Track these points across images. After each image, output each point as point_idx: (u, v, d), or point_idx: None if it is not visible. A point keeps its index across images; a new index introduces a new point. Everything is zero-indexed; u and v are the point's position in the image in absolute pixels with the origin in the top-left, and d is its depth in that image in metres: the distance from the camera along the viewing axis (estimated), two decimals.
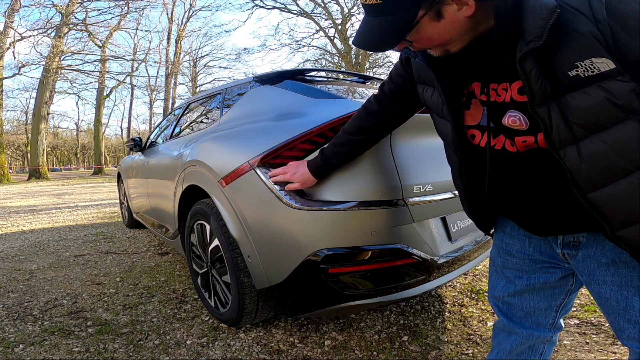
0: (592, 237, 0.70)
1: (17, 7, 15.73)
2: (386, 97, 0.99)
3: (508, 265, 0.86)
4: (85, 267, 2.63)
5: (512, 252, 0.84)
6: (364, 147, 1.13)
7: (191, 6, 25.85)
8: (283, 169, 1.22)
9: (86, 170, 41.79)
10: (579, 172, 0.60)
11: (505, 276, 0.87)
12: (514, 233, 0.84)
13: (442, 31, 0.64)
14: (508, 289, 0.87)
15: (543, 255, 0.80)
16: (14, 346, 1.52)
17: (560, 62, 0.56)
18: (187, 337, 1.61)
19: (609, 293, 0.70)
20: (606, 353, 1.44)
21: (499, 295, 0.89)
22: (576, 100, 0.56)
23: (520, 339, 0.88)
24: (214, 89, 2.41)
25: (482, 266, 2.48)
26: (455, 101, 0.74)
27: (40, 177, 16.67)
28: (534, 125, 0.63)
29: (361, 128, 1.06)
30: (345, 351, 1.48)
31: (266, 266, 1.37)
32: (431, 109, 0.84)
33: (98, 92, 22.24)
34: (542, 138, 0.63)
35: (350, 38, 20.50)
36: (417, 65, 0.83)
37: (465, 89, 0.73)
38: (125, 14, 20.57)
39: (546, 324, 0.87)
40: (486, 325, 1.69)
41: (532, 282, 0.83)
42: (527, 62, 0.58)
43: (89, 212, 5.51)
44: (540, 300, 0.84)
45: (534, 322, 0.87)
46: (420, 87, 0.86)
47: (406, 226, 1.25)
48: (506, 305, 0.89)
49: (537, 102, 0.59)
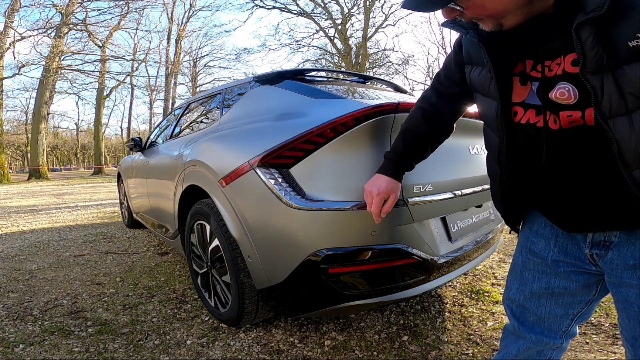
0: (624, 237, 0.67)
1: (17, 7, 15.74)
2: (441, 85, 0.95)
3: (528, 266, 0.83)
4: (85, 267, 2.63)
5: (536, 252, 0.82)
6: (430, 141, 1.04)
7: (191, 6, 25.87)
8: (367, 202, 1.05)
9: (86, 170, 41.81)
10: (629, 146, 0.57)
11: (523, 277, 0.84)
12: (540, 231, 0.81)
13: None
14: (524, 292, 0.84)
15: (568, 256, 0.76)
16: (14, 346, 1.52)
17: (621, 33, 0.55)
18: (187, 337, 1.61)
19: (634, 297, 0.67)
20: (606, 353, 1.44)
21: (514, 298, 0.87)
22: (633, 71, 0.55)
23: (528, 343, 0.86)
24: (214, 89, 2.41)
25: (482, 266, 2.49)
26: (504, 78, 0.72)
27: (40, 177, 16.68)
28: (583, 98, 0.61)
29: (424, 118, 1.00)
30: (345, 351, 1.48)
31: (266, 266, 1.37)
32: (476, 88, 0.82)
33: (98, 92, 22.26)
34: (589, 113, 0.61)
35: (351, 38, 20.55)
36: (467, 43, 0.81)
37: (516, 66, 0.72)
38: (125, 14, 20.60)
39: (558, 330, 0.84)
40: (486, 325, 1.69)
41: (552, 285, 0.79)
42: (583, 30, 0.57)
43: (89, 212, 5.51)
44: (557, 307, 0.81)
45: (546, 327, 0.84)
46: (468, 69, 0.83)
47: (406, 226, 1.25)
48: (520, 309, 0.86)
49: (590, 70, 0.58)
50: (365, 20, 19.84)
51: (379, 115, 1.23)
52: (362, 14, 20.06)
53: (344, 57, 19.94)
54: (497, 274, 2.35)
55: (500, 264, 2.55)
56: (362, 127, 1.22)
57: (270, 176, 1.30)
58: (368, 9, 19.70)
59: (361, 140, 1.24)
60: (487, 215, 1.75)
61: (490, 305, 1.89)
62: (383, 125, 1.24)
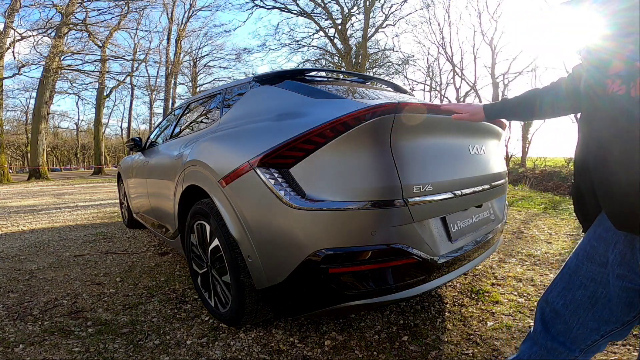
0: None
1: (17, 7, 15.72)
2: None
3: (580, 272, 0.81)
4: (85, 267, 2.63)
5: (594, 257, 0.79)
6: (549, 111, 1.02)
7: (191, 6, 25.85)
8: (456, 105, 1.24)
9: (86, 170, 41.79)
10: None
11: (571, 282, 0.82)
12: (603, 235, 0.78)
13: None
14: (566, 297, 0.82)
15: (623, 266, 0.73)
16: (14, 346, 1.52)
17: None
18: (187, 337, 1.61)
19: None
20: (606, 353, 1.44)
21: (552, 301, 0.85)
22: None
23: (542, 351, 0.85)
24: (214, 89, 2.41)
25: (482, 266, 2.49)
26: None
27: (40, 177, 16.67)
28: None
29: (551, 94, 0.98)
30: (345, 351, 1.48)
31: (266, 266, 1.37)
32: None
33: (98, 92, 22.23)
34: None
35: (351, 38, 20.53)
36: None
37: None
38: (125, 14, 20.56)
39: (582, 343, 0.81)
40: (486, 325, 1.69)
41: (597, 295, 0.77)
42: None
43: (89, 212, 5.51)
44: (593, 320, 0.79)
45: (570, 337, 0.82)
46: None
47: (406, 226, 1.25)
48: (552, 314, 0.84)
49: None
50: (365, 20, 19.83)
51: (379, 115, 1.23)
52: (362, 14, 20.06)
53: (344, 57, 19.93)
54: (497, 274, 2.35)
55: (500, 264, 2.55)
56: (362, 127, 1.22)
57: (270, 176, 1.30)
58: (368, 9, 19.69)
59: (361, 140, 1.24)
60: (487, 215, 1.75)
61: (490, 305, 1.89)
62: (383, 125, 1.24)
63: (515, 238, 3.30)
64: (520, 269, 2.45)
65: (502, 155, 2.07)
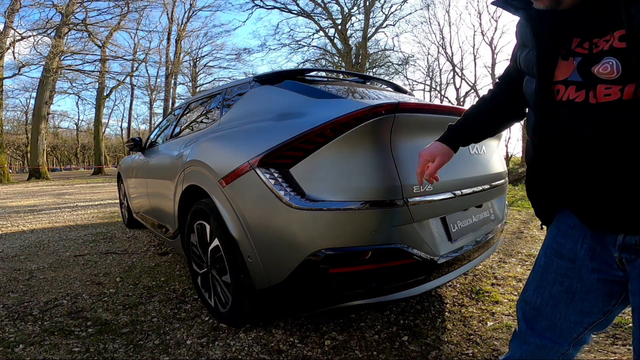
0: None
1: (17, 7, 15.73)
2: (507, 71, 0.95)
3: (550, 269, 0.81)
4: (85, 267, 2.62)
5: (562, 253, 0.79)
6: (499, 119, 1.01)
7: (191, 6, 25.85)
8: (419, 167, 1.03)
9: (86, 170, 41.80)
10: None
11: (544, 279, 0.82)
12: (569, 231, 0.79)
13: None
14: (542, 294, 0.82)
15: (595, 260, 0.73)
16: (14, 346, 1.52)
17: None
18: (187, 337, 1.61)
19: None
20: (606, 353, 1.44)
21: (530, 299, 0.85)
22: None
23: (531, 349, 0.84)
24: (214, 89, 2.42)
25: (482, 266, 2.49)
26: (547, 56, 0.72)
27: (40, 177, 16.67)
28: (625, 74, 0.61)
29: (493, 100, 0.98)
30: (345, 351, 1.48)
31: (266, 266, 1.37)
32: (524, 69, 0.81)
33: (98, 92, 22.24)
34: (629, 89, 0.60)
35: (351, 38, 20.55)
36: (520, 27, 0.81)
37: (561, 44, 0.71)
38: (125, 14, 20.57)
39: (568, 337, 0.82)
40: (486, 325, 1.69)
41: (573, 290, 0.77)
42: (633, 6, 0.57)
43: (89, 212, 5.51)
44: (574, 313, 0.79)
45: (555, 333, 0.82)
46: (519, 52, 0.83)
47: (406, 226, 1.25)
48: (533, 312, 0.84)
49: (637, 44, 0.57)
50: (365, 20, 19.85)
51: (379, 115, 1.23)
52: (362, 14, 20.07)
53: (344, 57, 19.93)
54: (497, 274, 2.35)
55: (500, 264, 2.55)
56: (362, 127, 1.22)
57: (270, 176, 1.30)
58: (368, 9, 19.70)
59: (361, 140, 1.24)
60: (487, 215, 1.75)
61: (490, 305, 1.89)
62: (383, 125, 1.24)
63: (515, 238, 3.30)
64: (520, 269, 2.45)
65: (502, 155, 2.07)
